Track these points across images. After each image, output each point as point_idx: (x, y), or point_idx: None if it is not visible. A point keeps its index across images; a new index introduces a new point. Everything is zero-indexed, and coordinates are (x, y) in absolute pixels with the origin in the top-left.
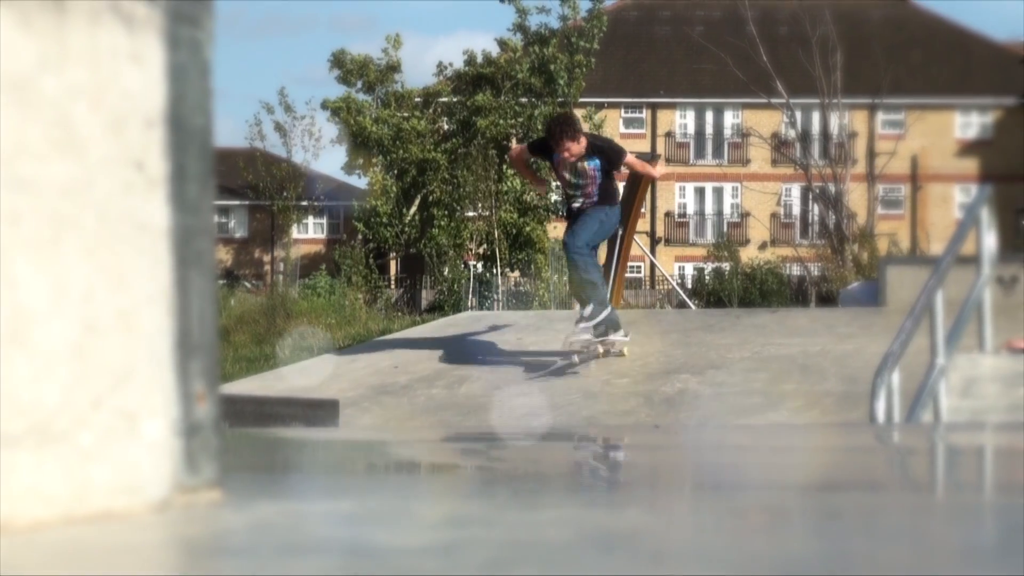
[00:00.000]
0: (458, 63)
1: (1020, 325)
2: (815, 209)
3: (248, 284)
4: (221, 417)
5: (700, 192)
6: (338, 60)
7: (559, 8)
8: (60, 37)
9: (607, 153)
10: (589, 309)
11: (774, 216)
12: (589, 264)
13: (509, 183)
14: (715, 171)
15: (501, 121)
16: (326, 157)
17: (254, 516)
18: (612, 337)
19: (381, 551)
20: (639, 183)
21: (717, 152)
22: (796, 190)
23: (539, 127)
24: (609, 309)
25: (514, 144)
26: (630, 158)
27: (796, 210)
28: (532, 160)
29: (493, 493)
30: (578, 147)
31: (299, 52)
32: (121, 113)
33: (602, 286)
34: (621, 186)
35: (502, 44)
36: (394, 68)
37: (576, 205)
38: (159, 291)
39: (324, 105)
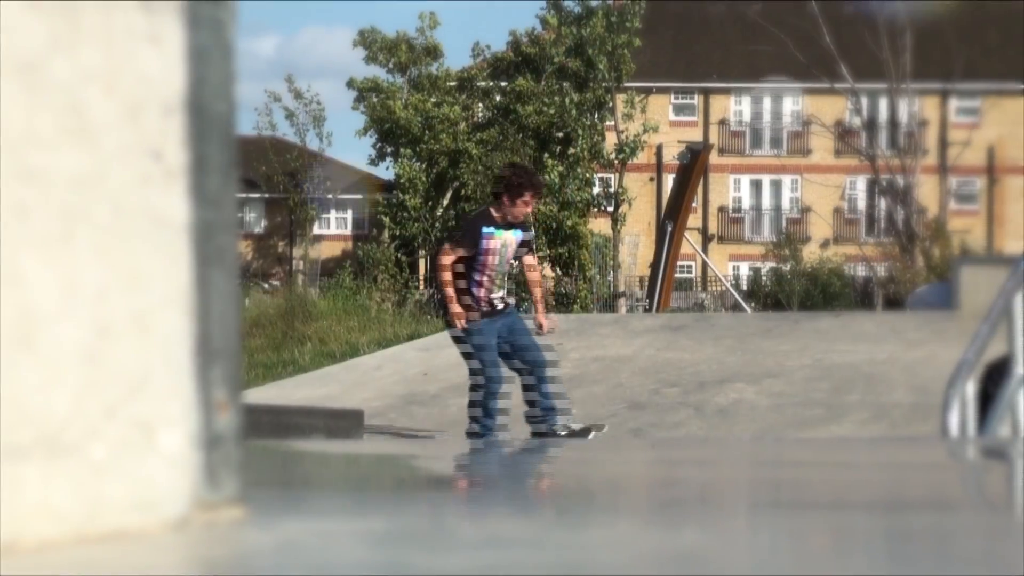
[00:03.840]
0: (496, 45)
1: None
2: (882, 204)
3: (265, 285)
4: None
5: (756, 185)
6: (364, 38)
7: None
8: (72, 16)
9: (527, 226)
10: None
11: (837, 211)
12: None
13: (549, 175)
14: (773, 162)
15: (544, 109)
16: (352, 146)
17: (280, 535)
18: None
19: (419, 574)
20: (691, 173)
21: (775, 142)
22: (861, 183)
23: (574, 115)
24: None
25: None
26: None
27: (861, 205)
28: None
29: (537, 510)
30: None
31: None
32: (137, 98)
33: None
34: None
35: (544, 22)
36: (431, 51)
37: (497, 299)
38: (177, 291)
39: (350, 84)
